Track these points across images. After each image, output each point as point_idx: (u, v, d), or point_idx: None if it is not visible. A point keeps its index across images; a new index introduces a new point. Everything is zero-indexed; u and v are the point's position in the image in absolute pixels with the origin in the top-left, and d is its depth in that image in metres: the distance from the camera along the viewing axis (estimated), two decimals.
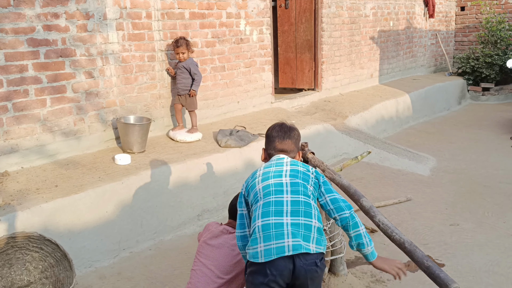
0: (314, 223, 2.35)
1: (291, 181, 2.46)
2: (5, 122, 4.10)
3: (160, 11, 5.21)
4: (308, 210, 2.37)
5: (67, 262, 3.53)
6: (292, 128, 2.78)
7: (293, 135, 2.75)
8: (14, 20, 4.05)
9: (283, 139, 2.71)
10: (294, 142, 2.75)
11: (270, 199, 2.40)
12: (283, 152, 2.69)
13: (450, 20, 12.33)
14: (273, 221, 2.33)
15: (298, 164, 2.59)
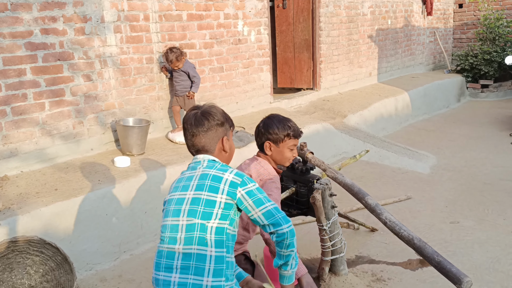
0: (210, 251, 1.96)
1: (193, 197, 2.04)
2: (4, 126, 4.10)
3: (158, 13, 5.22)
4: (201, 250, 1.96)
5: (67, 265, 3.54)
6: (206, 114, 2.18)
7: (206, 127, 2.17)
8: (11, 24, 4.05)
9: (193, 135, 2.18)
10: (210, 135, 2.18)
11: (167, 222, 2.08)
12: (201, 152, 2.20)
13: (448, 17, 12.33)
14: (165, 249, 2.04)
15: (210, 171, 2.09)
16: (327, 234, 3.28)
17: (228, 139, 2.25)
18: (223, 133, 2.21)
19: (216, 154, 2.20)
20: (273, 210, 2.00)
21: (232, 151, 2.30)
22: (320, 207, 3.20)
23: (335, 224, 3.34)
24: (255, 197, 2.02)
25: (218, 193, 2.00)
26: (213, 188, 2.02)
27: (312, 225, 4.40)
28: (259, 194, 2.04)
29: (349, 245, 3.93)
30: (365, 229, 4.30)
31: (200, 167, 2.13)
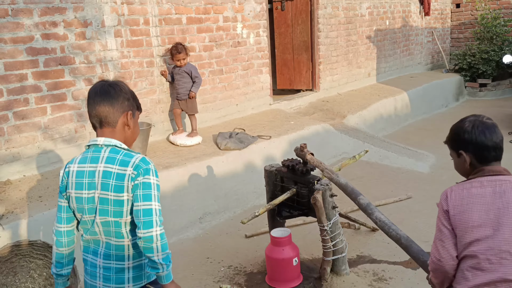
0: (127, 242, 2.02)
1: (101, 197, 1.99)
2: (6, 131, 4.13)
3: (158, 17, 5.25)
4: (119, 242, 2.02)
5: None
6: (113, 85, 2.06)
7: (112, 97, 2.02)
8: (12, 29, 4.09)
9: (97, 104, 2.02)
10: (115, 106, 2.03)
11: (87, 227, 2.07)
12: (103, 125, 2.04)
13: (446, 17, 12.38)
14: (90, 259, 2.10)
15: (115, 157, 1.99)
16: (328, 234, 3.31)
17: (133, 118, 2.11)
18: (129, 108, 2.07)
19: (118, 129, 2.05)
20: (156, 211, 1.94)
21: (136, 131, 2.17)
22: (321, 207, 3.24)
23: (336, 225, 3.37)
24: (148, 191, 1.95)
25: (124, 192, 1.96)
26: (118, 188, 1.96)
27: (313, 226, 4.43)
28: (154, 191, 1.97)
29: (350, 245, 3.96)
30: (366, 229, 4.33)
31: (102, 158, 2.01)
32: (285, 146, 5.75)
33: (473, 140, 1.96)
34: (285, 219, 3.71)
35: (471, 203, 1.92)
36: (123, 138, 2.09)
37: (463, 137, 2.00)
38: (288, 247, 3.39)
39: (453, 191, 1.99)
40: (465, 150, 1.99)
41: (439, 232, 1.96)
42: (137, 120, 2.18)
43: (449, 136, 2.12)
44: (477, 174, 1.97)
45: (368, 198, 5.08)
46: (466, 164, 2.01)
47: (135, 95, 2.14)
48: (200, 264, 3.96)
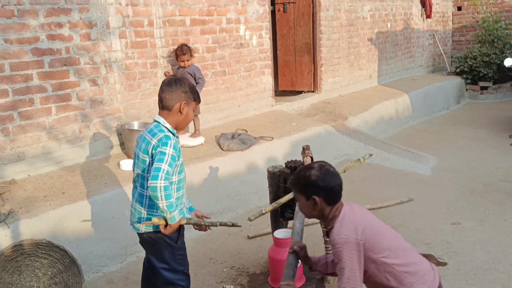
0: (146, 193, 2.63)
1: (137, 154, 2.67)
2: (12, 131, 4.16)
3: (162, 19, 5.28)
4: (141, 191, 2.68)
5: (75, 267, 3.59)
6: (177, 80, 2.62)
7: (173, 88, 2.59)
8: (18, 30, 4.12)
9: (162, 91, 2.64)
10: (173, 95, 2.59)
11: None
12: (162, 108, 2.63)
13: (447, 20, 12.41)
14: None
15: (153, 130, 2.57)
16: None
17: (188, 106, 2.65)
18: (185, 99, 2.62)
19: (172, 113, 2.62)
20: (163, 170, 2.41)
21: (188, 117, 2.69)
22: None
23: None
24: (162, 156, 2.46)
25: (147, 154, 2.56)
26: (145, 150, 2.58)
27: (315, 227, 4.46)
28: (167, 157, 2.46)
29: None
30: None
31: (148, 128, 2.63)
32: (287, 147, 5.78)
33: (326, 186, 2.18)
34: (288, 220, 3.74)
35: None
36: (175, 120, 2.65)
37: (316, 183, 2.19)
38: None
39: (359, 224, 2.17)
40: (317, 195, 2.19)
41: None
42: (192, 109, 2.71)
43: (298, 182, 2.28)
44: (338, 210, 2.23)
45: (370, 200, 5.12)
46: (310, 207, 2.23)
47: (195, 90, 2.68)
48: (203, 264, 3.99)
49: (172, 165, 2.47)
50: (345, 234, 2.11)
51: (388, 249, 2.15)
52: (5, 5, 4.01)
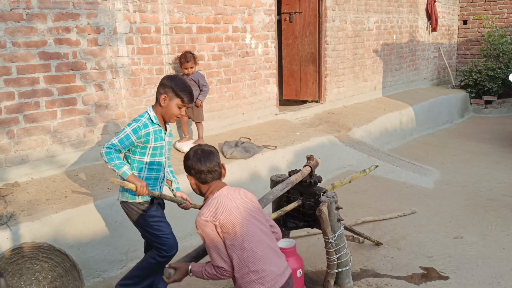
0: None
1: None
2: (16, 133, 4.17)
3: (169, 26, 5.31)
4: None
5: (76, 272, 3.58)
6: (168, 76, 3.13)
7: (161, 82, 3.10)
8: (26, 33, 4.15)
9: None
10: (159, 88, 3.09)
11: None
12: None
13: (453, 33, 12.44)
14: None
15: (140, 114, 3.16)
16: (333, 247, 3.33)
17: (170, 101, 3.04)
18: (167, 93, 3.03)
19: (157, 104, 3.09)
20: (112, 142, 2.98)
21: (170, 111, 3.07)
22: (326, 220, 3.25)
23: (341, 237, 3.38)
24: (119, 132, 3.04)
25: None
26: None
27: (317, 238, 4.44)
28: (121, 134, 3.00)
29: (354, 258, 3.97)
30: (370, 243, 4.34)
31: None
32: (291, 156, 5.77)
33: (194, 167, 2.52)
34: (290, 229, 3.73)
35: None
36: (159, 111, 3.10)
37: (186, 164, 2.56)
38: (292, 258, 3.39)
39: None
40: (189, 174, 2.56)
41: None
42: (175, 105, 3.05)
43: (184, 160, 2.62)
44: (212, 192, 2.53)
45: (372, 211, 5.10)
46: (193, 185, 2.58)
47: (185, 89, 3.04)
48: None
49: (124, 141, 2.98)
50: (205, 215, 2.39)
51: (241, 243, 2.36)
52: (14, 9, 4.04)
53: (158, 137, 3.09)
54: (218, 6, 5.90)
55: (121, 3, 4.80)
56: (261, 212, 2.59)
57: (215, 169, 2.53)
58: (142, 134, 3.02)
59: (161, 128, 3.12)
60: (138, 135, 3.00)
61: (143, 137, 3.03)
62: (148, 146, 3.07)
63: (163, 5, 5.23)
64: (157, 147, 3.11)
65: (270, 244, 2.49)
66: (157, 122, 3.08)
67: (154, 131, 3.06)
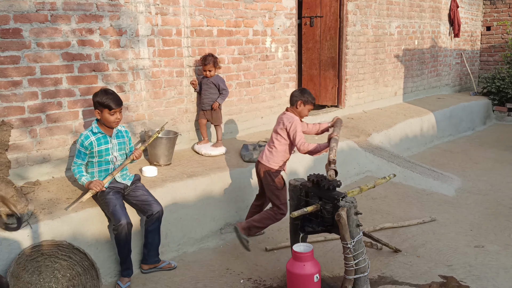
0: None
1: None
2: (39, 132, 4.24)
3: (190, 29, 5.35)
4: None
5: (94, 271, 3.62)
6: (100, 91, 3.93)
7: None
8: (50, 35, 4.21)
9: None
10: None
11: None
12: None
13: (476, 39, 12.26)
14: None
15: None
16: (351, 252, 3.29)
17: (101, 113, 3.83)
18: (96, 108, 3.86)
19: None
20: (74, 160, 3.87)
21: (105, 121, 3.85)
22: (345, 225, 3.22)
23: (360, 243, 3.34)
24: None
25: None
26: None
27: (335, 243, 4.41)
28: (76, 151, 3.89)
29: (372, 264, 3.93)
30: (388, 250, 4.28)
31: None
32: (309, 161, 5.74)
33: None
34: (308, 234, 3.70)
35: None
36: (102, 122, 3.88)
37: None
38: (309, 263, 3.37)
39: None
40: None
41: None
42: (106, 114, 3.77)
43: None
44: None
45: (391, 218, 5.04)
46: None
47: (105, 98, 3.76)
48: (220, 275, 3.97)
49: (80, 155, 3.79)
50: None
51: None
52: (39, 10, 4.11)
53: (102, 142, 3.83)
54: (239, 10, 5.92)
55: (144, 6, 4.85)
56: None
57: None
58: (86, 145, 3.76)
59: (104, 134, 3.85)
60: (84, 146, 3.77)
61: (89, 146, 3.78)
62: (93, 151, 3.80)
63: (185, 8, 5.27)
64: (101, 150, 3.83)
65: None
66: (99, 131, 3.82)
67: (97, 139, 3.81)
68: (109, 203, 3.75)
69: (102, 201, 3.80)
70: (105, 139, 3.86)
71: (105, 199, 3.78)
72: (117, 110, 3.76)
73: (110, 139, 3.89)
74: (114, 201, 3.77)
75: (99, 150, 3.82)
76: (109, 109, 3.72)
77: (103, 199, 3.79)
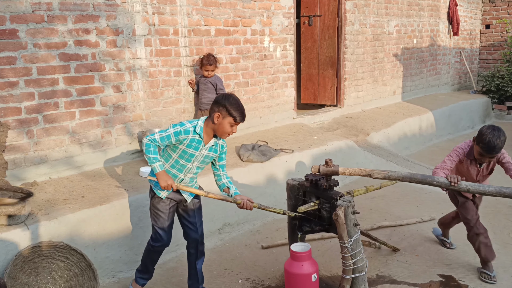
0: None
1: None
2: (36, 133, 4.22)
3: (187, 28, 5.34)
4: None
5: (91, 272, 3.61)
6: None
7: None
8: (47, 35, 4.20)
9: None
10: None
11: None
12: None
13: (475, 38, 12.24)
14: None
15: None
16: (349, 252, 3.27)
17: (221, 118, 3.19)
18: (220, 111, 3.19)
19: (209, 119, 3.26)
20: (155, 135, 3.17)
21: (220, 128, 3.22)
22: (342, 224, 3.21)
23: (357, 242, 3.33)
24: (164, 129, 3.23)
25: None
26: None
27: (333, 242, 4.39)
28: (164, 132, 3.18)
29: (370, 264, 3.91)
30: (386, 249, 4.27)
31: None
32: (308, 161, 5.73)
33: None
34: (305, 233, 3.69)
35: None
36: (211, 126, 3.23)
37: None
38: (307, 262, 3.36)
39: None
40: None
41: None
42: (227, 124, 3.20)
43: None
44: None
45: (390, 217, 5.03)
46: None
47: (235, 107, 3.16)
48: (218, 275, 3.96)
49: (164, 140, 3.16)
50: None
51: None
52: (35, 11, 4.10)
53: (193, 145, 3.23)
54: (237, 9, 5.91)
55: (140, 5, 4.84)
56: None
57: None
58: (180, 138, 3.19)
59: (201, 140, 3.24)
60: (177, 138, 3.19)
61: (181, 140, 3.21)
62: (179, 147, 3.24)
63: (182, 7, 5.25)
64: (186, 152, 3.25)
65: None
66: (200, 133, 3.22)
67: (192, 139, 3.21)
68: (160, 218, 3.37)
69: (155, 209, 3.37)
70: (198, 145, 3.26)
71: (158, 209, 3.37)
72: (238, 124, 3.25)
73: (202, 148, 3.28)
74: (166, 219, 3.38)
75: (185, 150, 3.25)
76: (234, 120, 3.18)
77: (156, 207, 3.37)
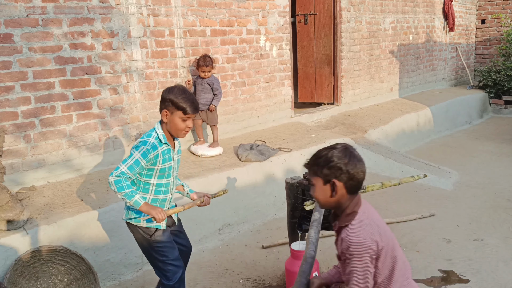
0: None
1: None
2: (33, 137, 4.21)
3: (183, 29, 5.33)
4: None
5: (92, 275, 3.60)
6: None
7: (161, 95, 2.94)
8: (42, 39, 4.19)
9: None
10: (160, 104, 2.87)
11: None
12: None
13: (471, 33, 12.25)
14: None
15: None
16: None
17: (170, 114, 2.78)
18: (166, 107, 2.78)
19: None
20: (121, 169, 2.69)
21: (173, 127, 2.79)
22: None
23: None
24: (128, 157, 2.73)
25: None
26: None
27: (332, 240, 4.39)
28: (130, 158, 2.71)
29: None
30: None
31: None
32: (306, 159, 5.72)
33: (348, 170, 2.00)
34: (305, 232, 3.68)
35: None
36: (166, 128, 2.82)
37: (337, 165, 2.01)
38: None
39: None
40: (338, 179, 2.02)
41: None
42: (178, 120, 2.76)
43: (317, 162, 2.11)
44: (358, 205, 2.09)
45: (389, 214, 5.02)
46: (334, 194, 2.06)
47: (181, 98, 2.72)
48: (219, 275, 3.95)
49: (133, 168, 2.71)
50: (363, 237, 1.96)
51: (392, 271, 2.04)
52: (30, 15, 4.08)
53: (166, 157, 2.82)
54: (232, 9, 5.90)
55: (135, 7, 4.83)
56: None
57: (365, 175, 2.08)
58: (151, 157, 2.74)
59: (169, 147, 2.83)
60: (147, 159, 2.73)
61: (152, 159, 2.76)
62: (155, 168, 2.79)
63: (177, 8, 5.24)
64: (164, 169, 2.83)
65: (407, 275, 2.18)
66: (166, 141, 2.80)
67: (163, 152, 2.78)
68: (169, 249, 2.93)
69: (160, 244, 2.90)
70: (169, 154, 2.85)
71: (164, 243, 2.91)
72: (192, 116, 2.80)
73: (173, 155, 2.89)
74: (174, 247, 2.98)
75: (163, 168, 2.82)
76: (184, 113, 2.74)
77: (162, 242, 2.90)
